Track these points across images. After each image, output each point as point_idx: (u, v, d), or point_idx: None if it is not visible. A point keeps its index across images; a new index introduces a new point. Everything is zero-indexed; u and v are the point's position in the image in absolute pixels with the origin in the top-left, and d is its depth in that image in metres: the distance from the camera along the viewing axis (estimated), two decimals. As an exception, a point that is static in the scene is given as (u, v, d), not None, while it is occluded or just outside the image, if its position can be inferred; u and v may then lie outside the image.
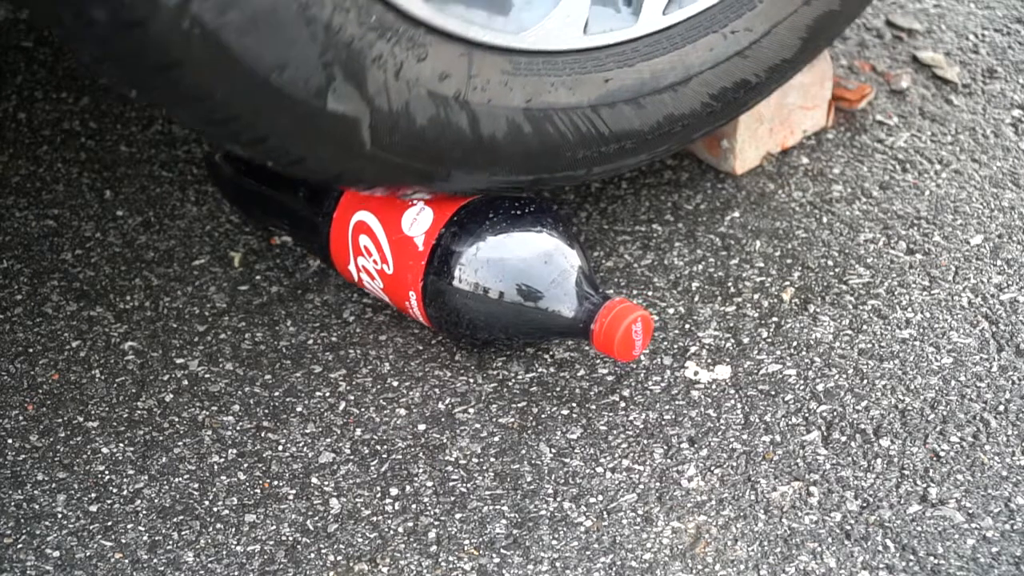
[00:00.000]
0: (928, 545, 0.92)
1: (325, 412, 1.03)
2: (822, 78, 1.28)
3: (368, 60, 0.88)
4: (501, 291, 1.00)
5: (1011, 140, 1.31)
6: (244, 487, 0.97)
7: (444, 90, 0.93)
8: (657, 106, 1.05)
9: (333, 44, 0.86)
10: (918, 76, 1.41)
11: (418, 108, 0.92)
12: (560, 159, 1.03)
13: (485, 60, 0.95)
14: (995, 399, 1.03)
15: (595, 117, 1.02)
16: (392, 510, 0.95)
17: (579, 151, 1.03)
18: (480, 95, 0.95)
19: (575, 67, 1.00)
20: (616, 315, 0.97)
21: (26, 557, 0.91)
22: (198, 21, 0.79)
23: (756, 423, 1.01)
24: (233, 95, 0.85)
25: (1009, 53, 1.44)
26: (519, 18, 0.97)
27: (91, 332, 1.09)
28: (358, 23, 0.87)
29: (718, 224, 1.21)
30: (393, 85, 0.90)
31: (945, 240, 1.19)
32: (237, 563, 0.91)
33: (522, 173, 1.02)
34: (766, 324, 1.10)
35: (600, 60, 1.01)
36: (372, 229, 1.04)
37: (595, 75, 1.01)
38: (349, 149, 0.92)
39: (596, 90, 1.01)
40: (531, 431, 1.01)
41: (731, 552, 0.92)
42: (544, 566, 0.91)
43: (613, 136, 1.04)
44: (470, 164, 0.99)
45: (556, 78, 0.99)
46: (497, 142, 0.97)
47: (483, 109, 0.96)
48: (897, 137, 1.32)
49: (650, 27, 1.02)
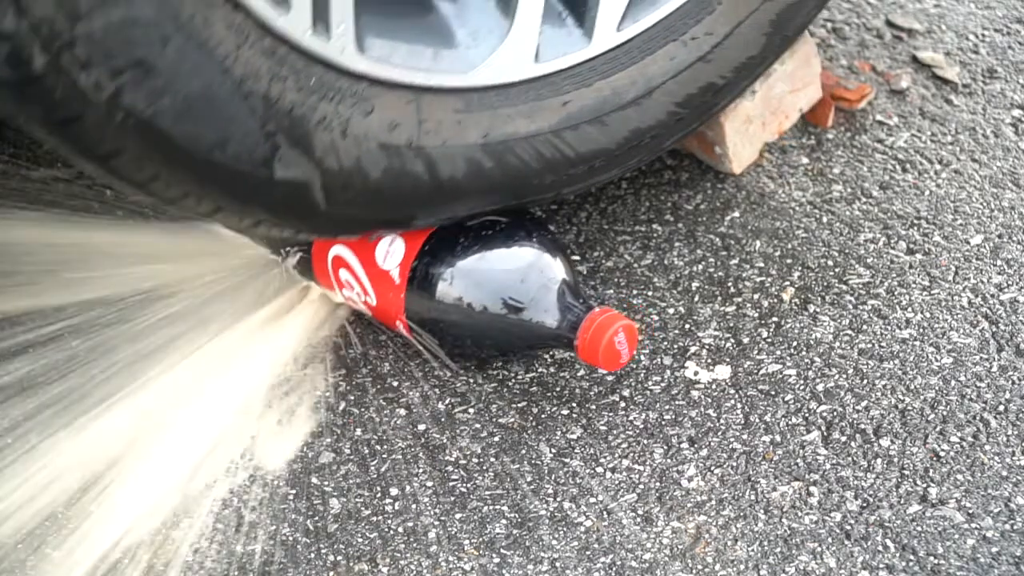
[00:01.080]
0: (928, 545, 0.92)
1: (325, 412, 1.03)
2: (806, 58, 1.27)
3: (312, 124, 0.87)
4: (482, 312, 0.99)
5: (1011, 140, 1.31)
6: (245, 486, 0.97)
7: (395, 140, 0.92)
8: (622, 122, 1.03)
9: (274, 114, 0.85)
10: (918, 76, 1.41)
11: (370, 162, 0.91)
12: (527, 187, 1.01)
13: (435, 103, 0.93)
14: (995, 399, 1.03)
15: (558, 141, 1.00)
16: (392, 510, 0.95)
17: (546, 177, 1.01)
18: (434, 138, 0.94)
19: (531, 95, 0.98)
20: (598, 327, 0.96)
21: (27, 558, 0.91)
22: (131, 112, 0.79)
23: (756, 423, 1.01)
24: (178, 175, 0.85)
25: (1009, 53, 1.44)
26: (466, 56, 0.94)
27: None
28: (297, 89, 0.86)
29: (718, 224, 1.21)
30: (341, 144, 0.89)
31: (945, 240, 1.19)
32: (237, 563, 0.91)
33: (489, 205, 1.01)
34: (766, 324, 1.10)
35: (556, 84, 0.99)
36: (349, 264, 1.04)
37: (553, 100, 0.99)
38: (304, 210, 0.92)
39: (556, 115, 0.99)
40: (531, 431, 1.01)
41: (731, 552, 0.92)
42: (544, 566, 0.91)
43: (580, 158, 1.02)
44: (433, 206, 0.98)
45: (512, 108, 0.97)
46: (458, 182, 0.96)
47: (439, 151, 0.94)
48: (897, 137, 1.32)
49: (605, 45, 1.00)
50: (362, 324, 1.10)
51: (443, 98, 0.94)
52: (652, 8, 1.01)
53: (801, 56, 1.26)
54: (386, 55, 0.90)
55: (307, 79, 0.87)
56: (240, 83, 0.83)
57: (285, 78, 0.85)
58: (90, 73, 0.76)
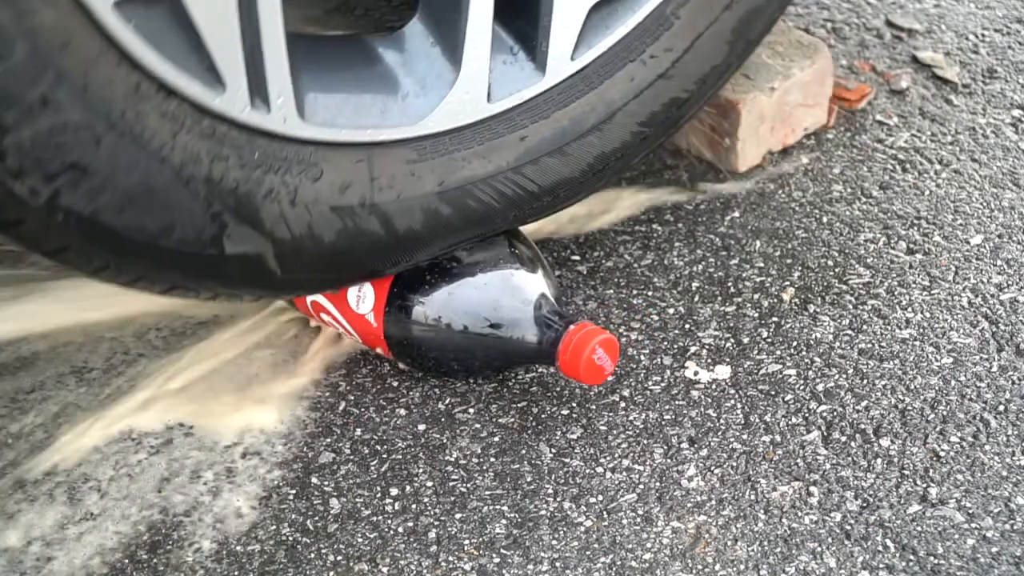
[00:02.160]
0: (928, 545, 0.92)
1: (325, 412, 1.03)
2: (822, 76, 1.28)
3: (259, 198, 0.87)
4: (463, 339, 0.99)
5: (1011, 140, 1.31)
6: (244, 486, 0.97)
7: (347, 201, 0.91)
8: (585, 149, 1.02)
9: (218, 194, 0.85)
10: (918, 76, 1.41)
11: (323, 226, 0.90)
12: (492, 224, 1.00)
13: (386, 157, 0.92)
14: (995, 399, 1.03)
15: (519, 178, 0.99)
16: (392, 510, 0.95)
17: (510, 213, 1.00)
18: (388, 193, 0.93)
19: (486, 135, 0.97)
20: (577, 344, 0.95)
21: (27, 558, 0.91)
22: (71, 211, 0.79)
23: (756, 423, 1.01)
24: (128, 263, 0.85)
25: (1009, 53, 1.44)
26: (415, 106, 0.93)
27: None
28: (240, 166, 0.85)
29: (718, 224, 1.21)
30: (291, 213, 0.89)
31: (945, 240, 1.19)
32: (237, 563, 0.91)
33: (451, 247, 1.00)
34: (766, 324, 1.10)
35: (512, 120, 0.98)
36: (327, 309, 1.04)
37: (509, 137, 0.98)
38: (261, 280, 0.91)
39: (513, 152, 0.98)
40: (531, 431, 1.01)
41: (731, 552, 0.92)
42: (544, 566, 0.91)
43: (544, 190, 1.01)
44: (393, 258, 0.97)
45: (467, 151, 0.96)
46: (416, 232, 0.95)
47: (394, 206, 0.93)
48: (897, 137, 1.32)
49: (560, 76, 0.98)
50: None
51: (394, 150, 0.93)
52: (606, 32, 0.99)
53: (819, 70, 1.27)
54: (331, 117, 0.89)
55: (250, 154, 0.86)
56: (180, 169, 0.83)
57: (226, 157, 0.85)
58: (24, 181, 0.76)
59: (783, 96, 1.25)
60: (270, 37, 0.83)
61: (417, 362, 1.03)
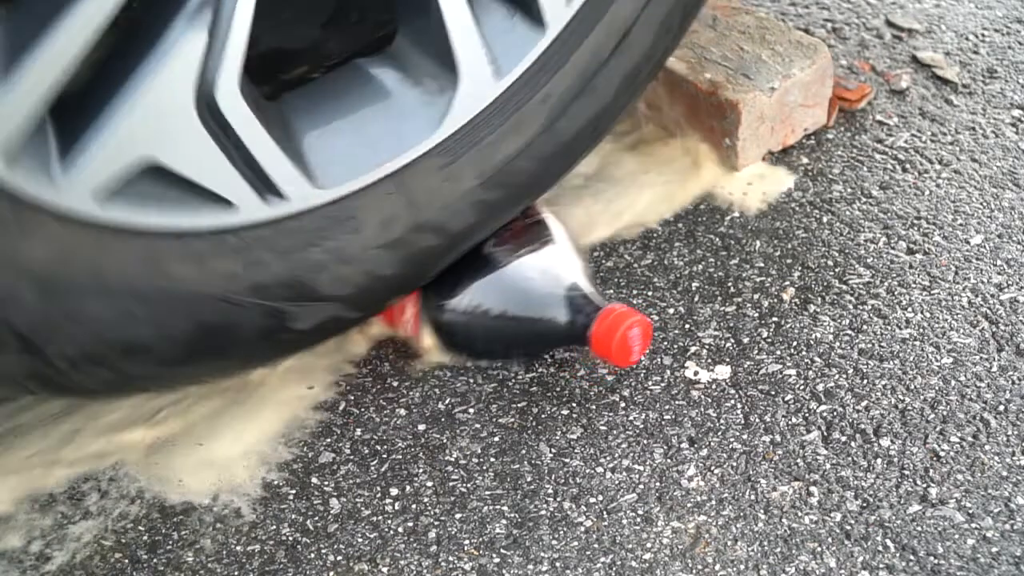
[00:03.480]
0: (928, 545, 0.92)
1: (325, 412, 1.03)
2: (822, 76, 1.28)
3: (309, 274, 0.91)
4: (498, 323, 1.01)
5: (1011, 140, 1.31)
6: (244, 486, 0.97)
7: (394, 233, 0.94)
8: (611, 75, 1.00)
9: (269, 294, 0.90)
10: (918, 76, 1.41)
11: (382, 265, 0.94)
12: (545, 185, 1.01)
13: (416, 176, 0.93)
14: (995, 399, 1.03)
15: (553, 135, 0.99)
16: (392, 510, 0.95)
17: (559, 166, 1.01)
18: (430, 208, 0.95)
19: (508, 110, 0.96)
20: (612, 322, 0.96)
21: (26, 558, 0.91)
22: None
23: (756, 423, 1.01)
24: (215, 372, 0.96)
25: (1009, 53, 1.44)
26: (427, 116, 0.93)
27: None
28: (279, 259, 0.89)
29: (718, 224, 1.21)
30: (345, 270, 0.93)
31: (945, 240, 1.19)
32: (237, 563, 0.91)
33: (514, 218, 1.02)
34: (766, 324, 1.10)
35: (531, 84, 0.96)
36: None
37: (532, 102, 0.97)
38: (342, 327, 1.01)
39: (541, 114, 0.98)
40: (531, 431, 1.01)
41: (731, 552, 0.92)
42: (544, 566, 0.91)
43: (583, 132, 1.01)
44: (459, 251, 1.00)
45: (495, 133, 0.96)
46: (473, 224, 0.98)
47: (441, 215, 0.95)
48: (897, 137, 1.32)
49: (562, 21, 0.95)
50: (362, 324, 1.10)
51: (422, 165, 0.93)
52: None
53: (819, 70, 1.27)
54: (347, 170, 0.90)
55: (284, 242, 0.88)
56: (225, 295, 0.86)
57: (261, 260, 0.87)
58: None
59: (783, 96, 1.25)
60: (258, 147, 0.85)
61: (456, 347, 1.05)
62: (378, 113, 0.92)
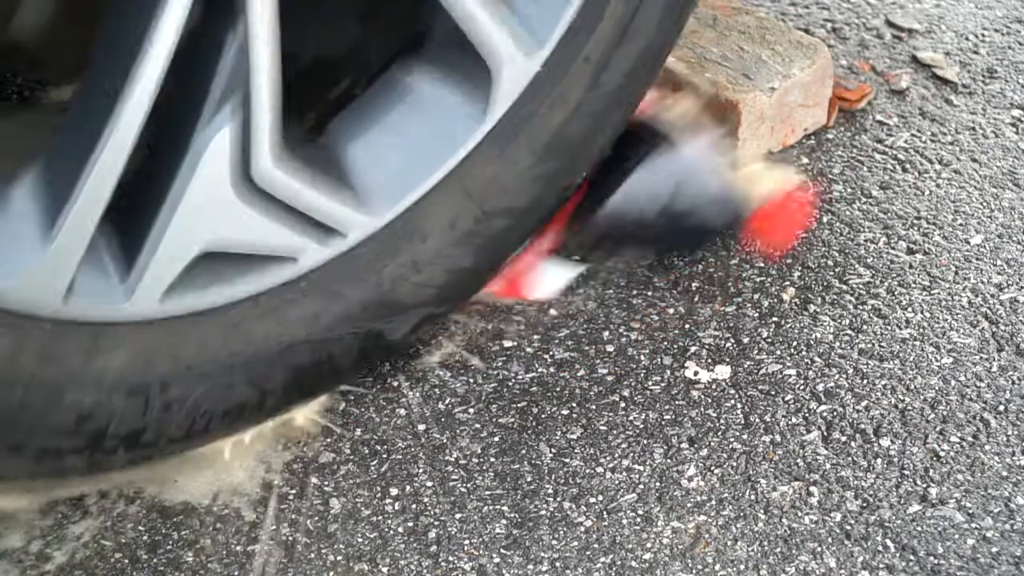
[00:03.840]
0: (928, 545, 0.92)
1: (325, 412, 1.03)
2: (822, 76, 1.28)
3: (390, 291, 0.94)
4: (661, 220, 1.07)
5: (1011, 140, 1.31)
6: (244, 487, 0.96)
7: (463, 228, 0.95)
8: (653, 7, 0.98)
9: (361, 318, 0.94)
10: (918, 76, 1.41)
11: (458, 260, 0.96)
12: (610, 133, 1.01)
13: (473, 169, 0.94)
14: (995, 399, 1.03)
15: (601, 90, 0.97)
16: (392, 510, 0.95)
17: (614, 119, 0.99)
18: (494, 196, 0.96)
19: (554, 78, 0.94)
20: (773, 208, 1.05)
21: (26, 557, 0.91)
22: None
23: (756, 423, 1.01)
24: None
25: (1009, 53, 1.44)
26: (476, 110, 0.93)
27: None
28: (361, 286, 0.92)
29: (718, 224, 1.21)
30: (422, 277, 0.95)
31: (945, 240, 1.19)
32: (237, 563, 0.91)
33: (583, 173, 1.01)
34: (766, 324, 1.10)
35: (571, 47, 0.94)
36: None
37: (574, 65, 0.95)
38: (439, 321, 1.05)
39: (584, 74, 0.96)
40: (531, 431, 1.01)
41: (731, 552, 0.92)
42: (544, 566, 0.91)
43: (633, 75, 0.99)
44: (537, 224, 1.02)
45: (544, 105, 0.95)
46: (541, 196, 0.98)
47: (507, 199, 0.96)
48: (897, 137, 1.32)
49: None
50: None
51: (476, 157, 0.93)
52: None
53: (819, 70, 1.27)
54: (403, 185, 0.92)
55: (362, 271, 0.92)
56: (314, 336, 0.93)
57: (337, 293, 0.92)
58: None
59: (783, 96, 1.25)
60: (307, 202, 0.88)
61: (617, 247, 1.11)
62: (423, 120, 0.93)
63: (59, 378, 0.84)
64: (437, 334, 1.09)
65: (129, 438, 0.89)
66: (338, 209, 0.89)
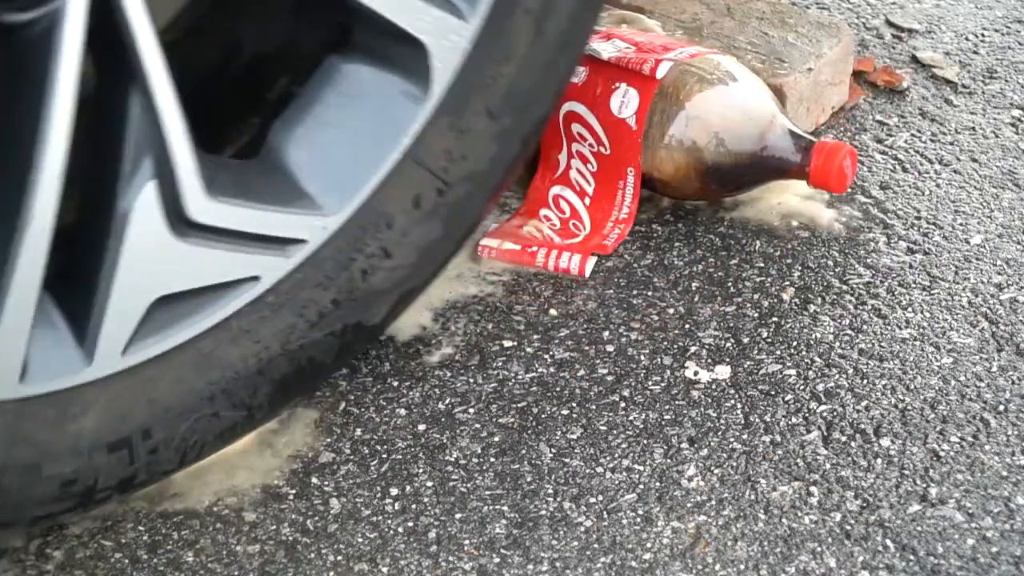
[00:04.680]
0: (928, 545, 0.92)
1: (325, 412, 1.03)
2: (845, 53, 1.32)
3: (362, 281, 0.92)
4: (714, 147, 1.11)
5: (1011, 140, 1.31)
6: (244, 487, 0.96)
7: (427, 206, 0.93)
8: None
9: (339, 316, 0.93)
10: (918, 76, 1.41)
11: (427, 233, 0.93)
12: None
13: (426, 135, 0.91)
14: (995, 399, 1.03)
15: None
16: (392, 510, 0.95)
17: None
18: (455, 166, 0.94)
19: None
20: (829, 152, 1.10)
21: (26, 557, 0.91)
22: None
23: (756, 423, 1.01)
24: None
25: (1009, 53, 1.44)
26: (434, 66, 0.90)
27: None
28: (333, 286, 0.91)
29: (718, 224, 1.21)
30: (392, 262, 0.93)
31: (945, 240, 1.19)
32: (237, 563, 0.91)
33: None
34: (766, 324, 1.10)
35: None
36: (583, 117, 1.15)
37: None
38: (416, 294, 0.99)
39: None
40: (531, 431, 1.01)
41: (731, 552, 0.92)
42: (544, 566, 0.91)
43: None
44: (517, 164, 1.00)
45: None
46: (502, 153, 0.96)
47: (467, 166, 0.94)
48: (897, 137, 1.32)
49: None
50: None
51: (430, 132, 0.91)
52: None
53: (842, 49, 1.32)
54: (358, 180, 0.90)
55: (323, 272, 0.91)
56: (292, 345, 0.91)
57: (309, 299, 0.91)
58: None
59: (817, 76, 1.28)
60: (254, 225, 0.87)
61: (663, 170, 1.14)
62: (365, 108, 0.91)
63: (32, 456, 0.83)
64: (437, 334, 1.09)
65: (121, 485, 0.88)
66: (292, 218, 0.88)
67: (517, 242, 1.15)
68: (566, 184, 1.18)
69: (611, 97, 1.13)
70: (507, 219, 1.19)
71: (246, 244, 0.87)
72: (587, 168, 1.16)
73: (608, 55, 1.15)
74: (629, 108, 1.12)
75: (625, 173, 1.14)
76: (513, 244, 1.15)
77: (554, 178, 1.18)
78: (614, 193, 1.15)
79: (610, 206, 1.15)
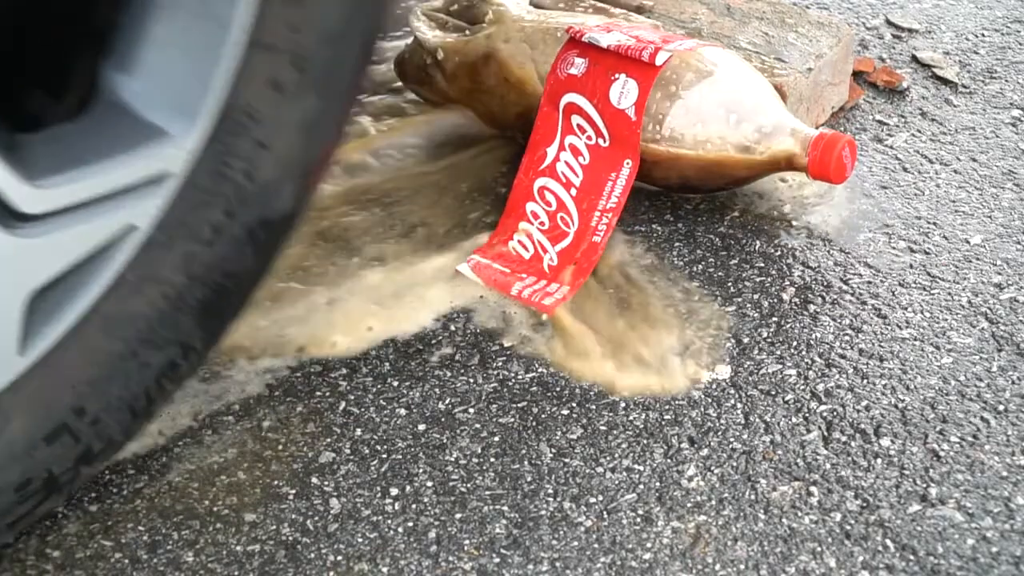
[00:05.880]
0: (928, 545, 0.92)
1: (325, 412, 1.03)
2: (846, 54, 1.32)
3: (223, 219, 0.86)
4: (713, 139, 1.12)
5: (1010, 140, 1.31)
6: (244, 487, 0.97)
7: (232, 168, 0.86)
8: None
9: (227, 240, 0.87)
10: (918, 76, 1.41)
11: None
12: None
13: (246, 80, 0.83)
14: (995, 399, 1.03)
15: None
16: (392, 510, 0.95)
17: None
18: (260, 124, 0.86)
19: None
20: (828, 143, 1.11)
21: (26, 557, 0.91)
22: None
23: (756, 423, 1.01)
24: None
25: (1009, 53, 1.44)
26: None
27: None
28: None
29: (718, 224, 1.21)
30: (258, 185, 0.86)
31: (945, 240, 1.19)
32: (237, 563, 0.91)
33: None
34: (766, 324, 1.10)
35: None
36: (583, 108, 1.15)
37: None
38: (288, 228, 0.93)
39: None
40: (531, 431, 1.01)
41: (731, 552, 0.92)
42: (544, 566, 0.91)
43: None
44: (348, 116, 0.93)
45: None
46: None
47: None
48: (897, 137, 1.32)
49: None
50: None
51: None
52: None
53: (843, 48, 1.32)
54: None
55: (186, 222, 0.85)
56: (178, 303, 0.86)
57: (188, 252, 0.86)
58: None
59: (817, 76, 1.28)
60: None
61: (660, 162, 1.14)
62: (189, 21, 0.82)
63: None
64: (437, 334, 1.09)
65: (81, 460, 0.86)
66: (144, 160, 0.81)
67: (501, 262, 1.15)
68: (552, 176, 1.17)
69: (610, 88, 1.13)
70: (493, 232, 1.18)
71: (103, 205, 0.80)
72: (577, 161, 1.16)
73: (608, 44, 1.15)
74: (628, 99, 1.12)
75: (621, 165, 1.14)
76: (501, 266, 1.14)
77: (539, 170, 1.18)
78: (603, 184, 1.15)
79: (597, 196, 1.15)
